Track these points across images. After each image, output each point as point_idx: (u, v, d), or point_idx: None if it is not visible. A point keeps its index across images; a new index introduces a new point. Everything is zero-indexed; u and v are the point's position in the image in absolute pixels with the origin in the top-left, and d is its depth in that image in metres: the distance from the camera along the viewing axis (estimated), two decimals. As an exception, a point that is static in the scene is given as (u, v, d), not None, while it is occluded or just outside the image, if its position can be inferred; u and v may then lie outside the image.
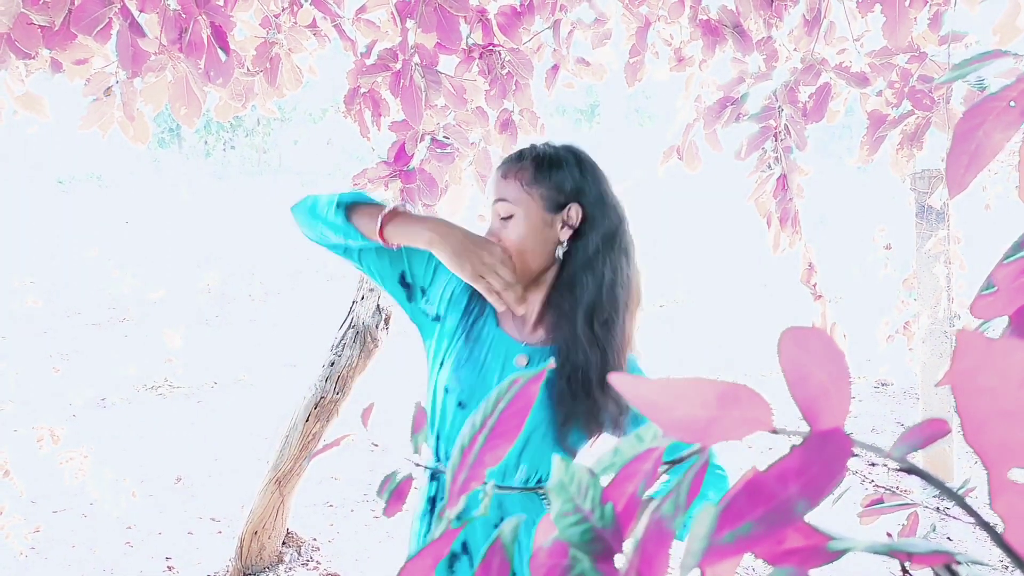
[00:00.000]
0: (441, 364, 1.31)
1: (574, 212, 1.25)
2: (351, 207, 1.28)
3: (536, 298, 1.30)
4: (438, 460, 1.30)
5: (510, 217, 1.25)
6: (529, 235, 1.24)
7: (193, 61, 1.58)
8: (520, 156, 1.29)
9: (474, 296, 1.33)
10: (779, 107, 1.96)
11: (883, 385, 5.86)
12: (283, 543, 3.26)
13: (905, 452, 0.33)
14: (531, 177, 1.25)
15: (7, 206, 10.91)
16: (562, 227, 1.25)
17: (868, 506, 0.81)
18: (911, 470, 0.33)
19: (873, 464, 4.02)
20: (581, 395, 1.21)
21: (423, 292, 1.35)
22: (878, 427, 4.99)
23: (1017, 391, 0.26)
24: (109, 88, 1.63)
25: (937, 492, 3.78)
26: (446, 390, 1.28)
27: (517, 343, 1.29)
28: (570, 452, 1.26)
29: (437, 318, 1.34)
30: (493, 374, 1.27)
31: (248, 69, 1.84)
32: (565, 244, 1.26)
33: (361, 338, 3.00)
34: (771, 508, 0.29)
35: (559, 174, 1.25)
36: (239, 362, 6.82)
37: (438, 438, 1.30)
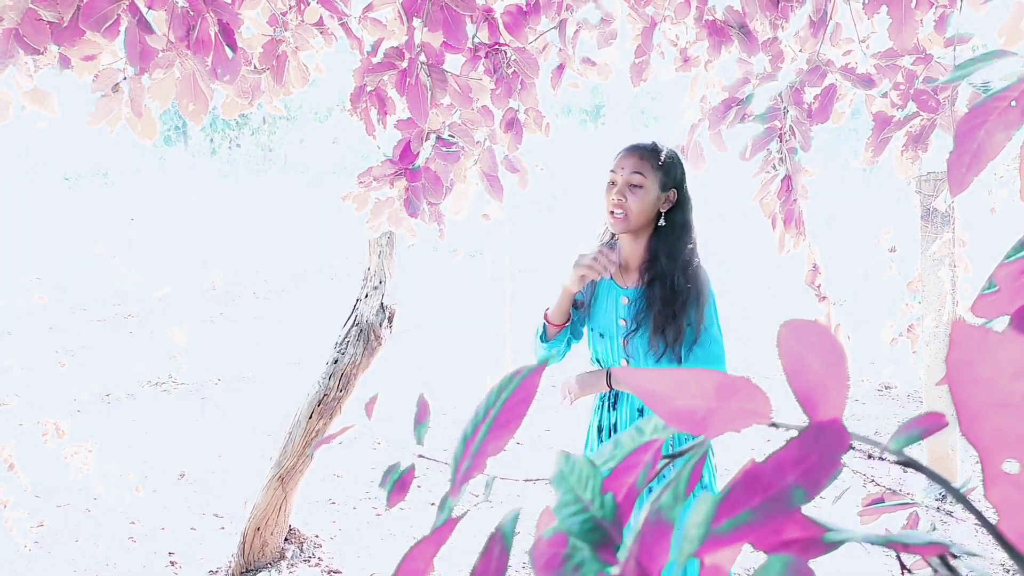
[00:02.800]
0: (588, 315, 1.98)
1: (673, 194, 1.89)
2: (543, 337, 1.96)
3: (636, 253, 1.90)
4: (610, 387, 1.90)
5: (640, 186, 1.82)
6: (647, 201, 1.83)
7: (200, 58, 1.59)
8: (654, 148, 1.87)
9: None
10: (784, 108, 1.96)
11: (887, 388, 5.85)
12: (285, 539, 3.27)
13: (903, 444, 0.33)
14: (658, 164, 1.85)
15: (13, 203, 10.95)
16: (663, 202, 1.87)
17: (868, 505, 0.81)
18: (908, 463, 0.34)
19: (872, 457, 4.01)
20: (670, 315, 1.80)
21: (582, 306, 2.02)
22: (881, 430, 4.98)
23: (1011, 382, 0.26)
24: (117, 84, 1.64)
25: (939, 494, 3.75)
26: (591, 329, 1.95)
27: (620, 287, 1.92)
28: (653, 353, 1.84)
29: (583, 305, 2.00)
30: (610, 310, 1.90)
31: (255, 67, 1.85)
32: (663, 215, 1.87)
33: (365, 336, 3.01)
34: (769, 497, 0.29)
35: (673, 167, 1.88)
36: (243, 359, 6.83)
37: (598, 362, 1.95)
